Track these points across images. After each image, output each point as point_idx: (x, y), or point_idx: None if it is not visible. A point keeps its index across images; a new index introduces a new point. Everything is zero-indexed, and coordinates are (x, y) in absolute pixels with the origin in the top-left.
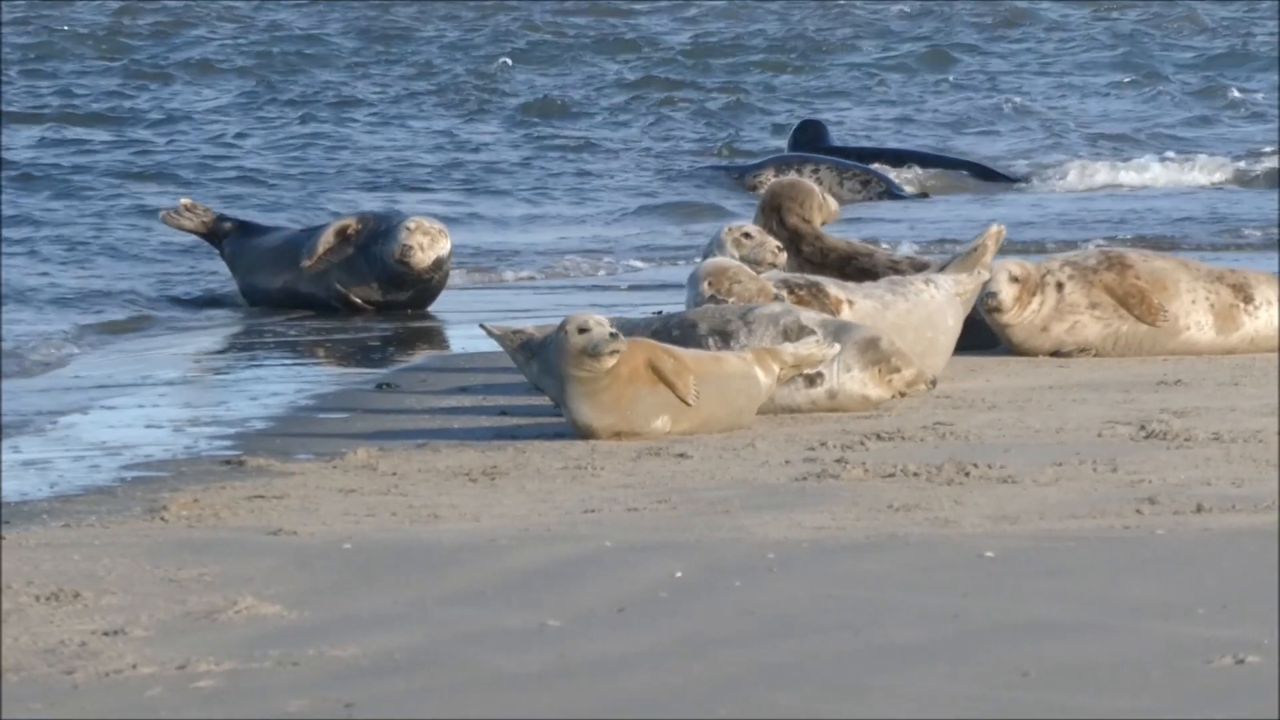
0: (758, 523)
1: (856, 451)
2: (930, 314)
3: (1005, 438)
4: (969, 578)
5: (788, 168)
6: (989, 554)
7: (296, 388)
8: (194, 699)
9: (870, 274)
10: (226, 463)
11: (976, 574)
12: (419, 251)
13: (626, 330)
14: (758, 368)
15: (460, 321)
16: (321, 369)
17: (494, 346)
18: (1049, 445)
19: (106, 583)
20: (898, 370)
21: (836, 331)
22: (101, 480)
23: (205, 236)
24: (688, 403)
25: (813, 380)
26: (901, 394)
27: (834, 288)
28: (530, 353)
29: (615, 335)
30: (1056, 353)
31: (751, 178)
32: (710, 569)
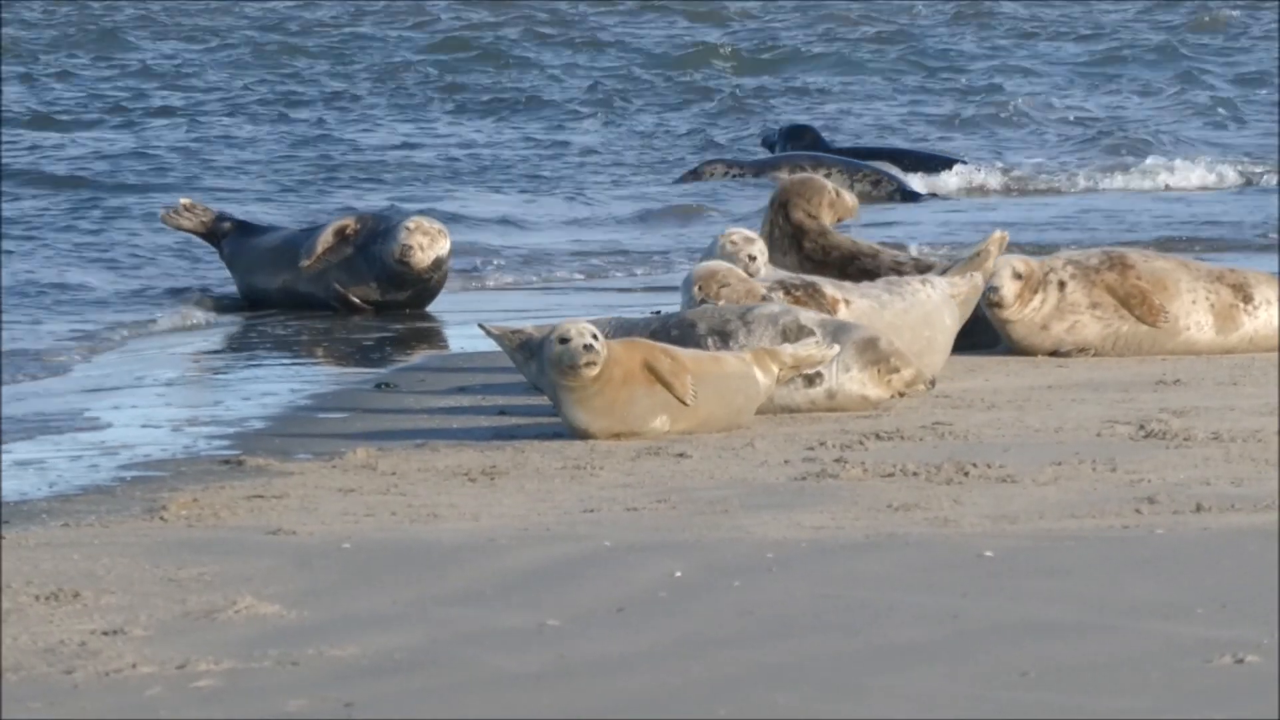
0: (757, 522)
1: (855, 451)
2: (928, 313)
3: (1004, 437)
4: (968, 577)
5: (799, 167)
6: (988, 554)
7: (295, 387)
8: (193, 698)
9: (872, 275)
10: (226, 462)
11: (976, 574)
12: (419, 251)
13: (625, 330)
14: (756, 368)
15: (459, 321)
16: (320, 369)
17: (493, 346)
18: (1048, 445)
19: (106, 582)
20: (897, 370)
21: (836, 332)
22: (101, 480)
23: (204, 236)
24: (685, 402)
25: (812, 380)
26: (900, 394)
27: (830, 287)
28: (529, 352)
29: (590, 347)
30: (1055, 352)
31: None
32: (709, 569)
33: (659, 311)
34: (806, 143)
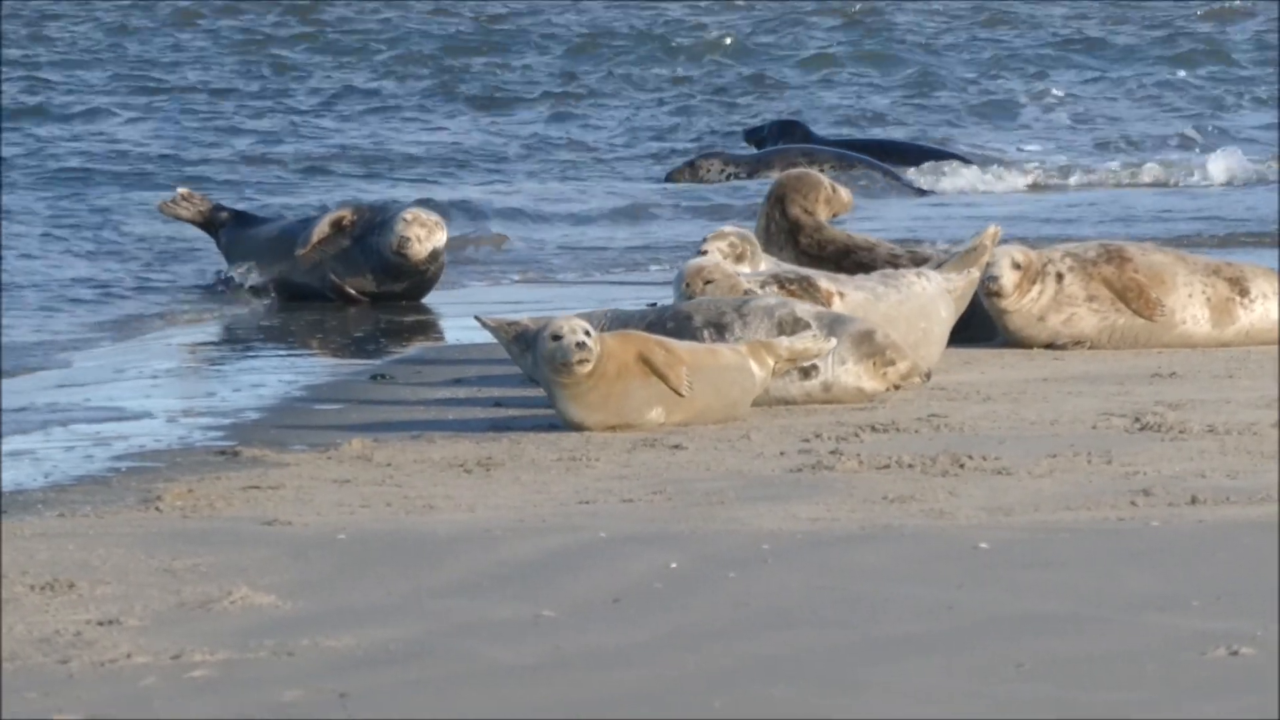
0: (752, 514)
1: (851, 443)
2: (923, 305)
3: (1000, 430)
4: (963, 569)
5: (799, 160)
6: (983, 546)
7: (290, 379)
8: (188, 689)
9: (869, 268)
10: (221, 453)
11: (971, 566)
12: (416, 243)
13: (621, 322)
14: (752, 360)
15: (455, 313)
16: (316, 360)
17: (489, 338)
18: (1044, 437)
19: (101, 573)
20: (892, 363)
21: (831, 324)
22: (96, 470)
23: (202, 226)
24: (680, 394)
25: (807, 373)
26: (896, 386)
27: (825, 280)
28: (525, 344)
29: (582, 345)
30: (1051, 345)
31: (761, 172)
32: (705, 560)
33: (655, 304)
34: (798, 137)
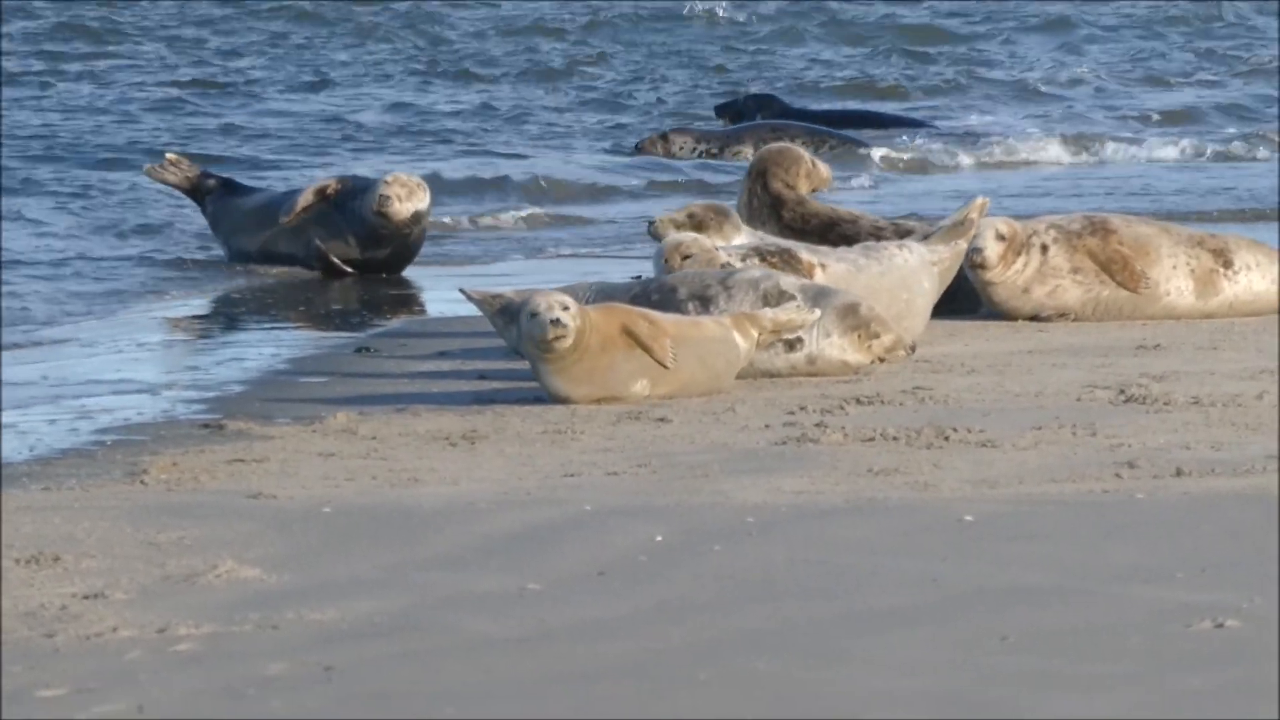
0: (737, 487)
1: (836, 416)
2: (904, 277)
3: (984, 402)
4: (948, 542)
5: (768, 136)
6: (968, 518)
7: (275, 351)
8: (174, 662)
9: (852, 241)
10: (206, 426)
11: (956, 538)
12: (396, 203)
13: (606, 296)
14: (736, 332)
15: (439, 286)
16: (300, 333)
17: (473, 310)
18: (1028, 409)
19: (86, 546)
20: (877, 336)
21: (816, 297)
22: (81, 443)
23: (188, 193)
24: (665, 365)
25: (792, 345)
26: (881, 359)
27: (806, 252)
28: (509, 317)
29: (558, 321)
30: (1035, 317)
31: (732, 148)
32: (690, 533)
33: (639, 277)
34: (775, 111)
